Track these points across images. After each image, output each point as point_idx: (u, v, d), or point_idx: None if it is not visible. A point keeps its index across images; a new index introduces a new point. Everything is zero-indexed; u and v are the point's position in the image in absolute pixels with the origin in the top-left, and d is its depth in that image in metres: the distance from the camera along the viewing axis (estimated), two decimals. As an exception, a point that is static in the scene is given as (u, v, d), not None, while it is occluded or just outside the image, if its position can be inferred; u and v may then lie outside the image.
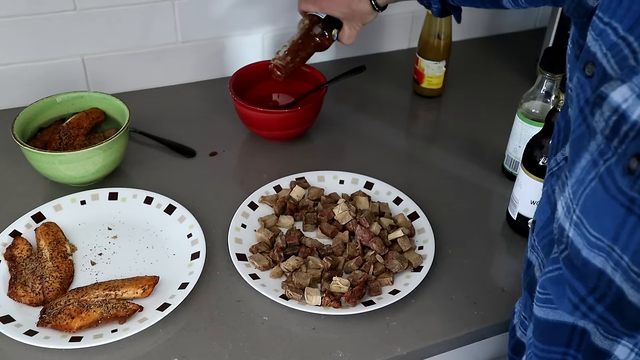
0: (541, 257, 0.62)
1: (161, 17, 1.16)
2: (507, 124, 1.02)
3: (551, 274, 0.56)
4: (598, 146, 0.45)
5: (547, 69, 0.91)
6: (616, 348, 0.54)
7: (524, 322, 0.70)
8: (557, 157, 0.60)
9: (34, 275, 0.83)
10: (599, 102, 0.44)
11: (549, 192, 0.60)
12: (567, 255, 0.51)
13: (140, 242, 0.90)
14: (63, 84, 1.14)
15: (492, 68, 1.36)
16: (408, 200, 0.97)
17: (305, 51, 1.04)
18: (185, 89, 1.24)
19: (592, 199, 0.46)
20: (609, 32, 0.45)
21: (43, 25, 1.09)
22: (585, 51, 0.48)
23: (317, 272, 0.85)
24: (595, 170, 0.45)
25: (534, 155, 0.86)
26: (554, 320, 0.58)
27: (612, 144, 0.43)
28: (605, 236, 0.45)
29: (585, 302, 0.50)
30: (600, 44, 0.46)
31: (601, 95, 0.44)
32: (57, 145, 0.98)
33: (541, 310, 0.59)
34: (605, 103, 0.43)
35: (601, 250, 0.46)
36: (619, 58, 0.44)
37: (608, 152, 0.44)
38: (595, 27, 0.47)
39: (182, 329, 0.79)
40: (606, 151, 0.44)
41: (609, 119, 0.43)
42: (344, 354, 0.77)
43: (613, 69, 0.44)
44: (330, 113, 1.17)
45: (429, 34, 1.16)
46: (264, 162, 1.07)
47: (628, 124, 0.41)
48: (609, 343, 0.54)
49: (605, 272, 0.46)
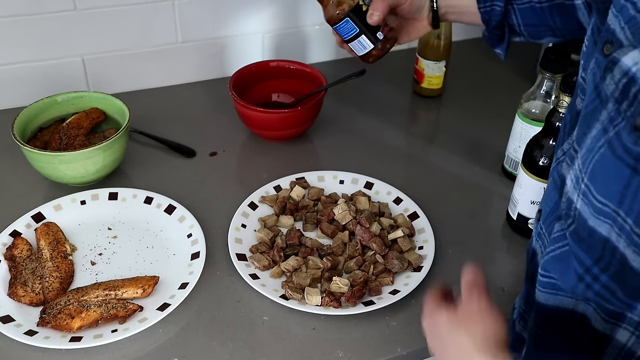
0: (546, 243, 0.62)
1: (161, 17, 1.16)
2: (507, 124, 1.02)
3: (554, 253, 0.57)
4: (609, 114, 0.46)
5: (547, 69, 0.91)
6: (617, 332, 0.55)
7: (523, 316, 0.70)
8: (564, 147, 0.61)
9: (34, 275, 0.83)
10: (611, 67, 0.46)
11: (556, 178, 0.61)
12: (574, 229, 0.52)
13: (140, 242, 0.90)
14: (63, 84, 1.14)
15: (492, 68, 1.36)
16: (408, 200, 0.97)
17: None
18: (185, 89, 1.24)
19: (600, 164, 0.48)
20: (629, 6, 0.47)
21: (43, 25, 1.09)
22: (605, 31, 0.50)
23: (317, 272, 0.85)
24: (605, 137, 0.47)
25: (534, 155, 0.86)
26: (553, 305, 0.59)
27: (622, 107, 0.45)
28: (611, 200, 0.47)
29: (590, 273, 0.51)
30: (620, 19, 0.48)
31: (613, 60, 0.46)
32: (57, 145, 0.98)
33: (542, 295, 0.60)
34: (616, 67, 0.45)
35: (607, 217, 0.47)
36: (634, 29, 0.46)
37: (618, 118, 0.45)
38: (616, 3, 0.49)
39: (182, 329, 0.79)
40: (616, 117, 0.46)
41: (619, 82, 0.45)
42: (344, 354, 0.77)
43: (627, 39, 0.46)
44: (330, 113, 1.17)
45: (429, 34, 1.16)
46: (264, 162, 1.07)
47: (637, 86, 0.43)
48: (609, 327, 0.55)
49: (610, 239, 0.47)
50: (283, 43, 1.28)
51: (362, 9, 0.86)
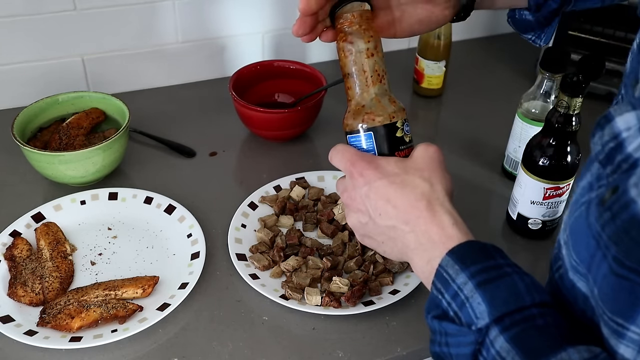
0: None
1: (161, 17, 1.16)
2: (507, 124, 1.02)
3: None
4: (597, 170, 0.43)
5: (547, 69, 0.91)
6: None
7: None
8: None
9: (34, 275, 0.83)
10: (603, 124, 0.42)
11: None
12: (560, 275, 0.50)
13: (140, 242, 0.90)
14: (63, 84, 1.14)
15: (492, 68, 1.36)
16: (408, 200, 0.97)
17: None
18: (185, 89, 1.24)
19: (577, 223, 0.45)
20: None
21: (43, 25, 1.09)
22: None
23: (317, 272, 0.85)
24: (588, 195, 0.44)
25: (533, 155, 0.86)
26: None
27: (606, 171, 0.42)
28: (582, 263, 0.45)
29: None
30: None
31: (608, 116, 0.42)
32: (57, 145, 0.98)
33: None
34: (607, 127, 0.41)
35: (582, 276, 0.45)
36: None
37: (603, 179, 0.42)
38: None
39: (182, 329, 0.79)
40: (602, 177, 0.43)
41: (606, 144, 0.41)
42: (344, 354, 0.77)
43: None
44: (330, 113, 1.17)
45: (429, 34, 1.16)
46: (264, 162, 1.07)
47: (622, 155, 0.40)
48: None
49: (589, 298, 0.46)
50: (283, 43, 1.28)
51: (395, 132, 0.64)
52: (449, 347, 0.52)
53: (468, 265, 0.51)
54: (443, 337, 0.52)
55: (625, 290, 0.39)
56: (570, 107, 0.80)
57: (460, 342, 0.51)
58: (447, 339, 0.52)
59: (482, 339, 0.49)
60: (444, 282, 0.52)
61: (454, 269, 0.52)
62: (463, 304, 0.50)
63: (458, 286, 0.51)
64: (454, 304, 0.51)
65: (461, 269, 0.51)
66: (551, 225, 0.91)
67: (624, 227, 0.39)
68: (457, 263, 0.52)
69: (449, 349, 0.52)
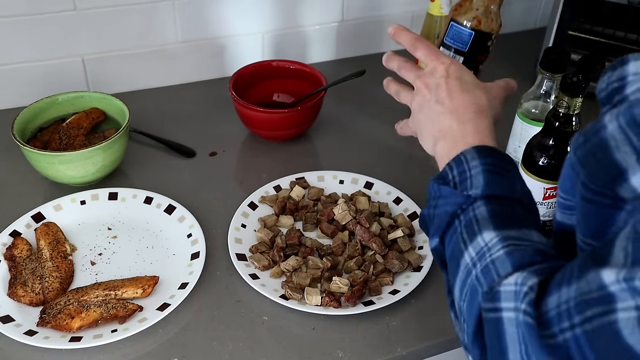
0: None
1: (161, 17, 1.16)
2: (507, 124, 1.02)
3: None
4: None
5: (547, 69, 0.91)
6: None
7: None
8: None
9: (34, 275, 0.83)
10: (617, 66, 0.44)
11: None
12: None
13: (140, 242, 0.90)
14: (63, 84, 1.14)
15: (492, 68, 1.35)
16: (408, 200, 0.97)
17: None
18: (185, 89, 1.24)
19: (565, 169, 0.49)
20: None
21: (43, 25, 1.09)
22: None
23: (317, 272, 0.85)
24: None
25: (533, 155, 0.86)
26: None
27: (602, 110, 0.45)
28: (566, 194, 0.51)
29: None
30: None
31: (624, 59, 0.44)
32: (57, 145, 0.98)
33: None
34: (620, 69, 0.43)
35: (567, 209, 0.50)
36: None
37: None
38: None
39: (182, 329, 0.79)
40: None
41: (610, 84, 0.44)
42: (344, 354, 0.77)
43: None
44: (330, 113, 1.17)
45: (429, 34, 1.16)
46: (264, 162, 1.07)
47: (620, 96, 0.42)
48: None
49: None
50: (283, 43, 1.28)
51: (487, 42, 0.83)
52: (437, 208, 0.58)
53: (485, 156, 0.59)
54: (436, 200, 0.59)
55: (594, 214, 0.42)
56: (570, 107, 0.80)
57: (448, 202, 0.57)
58: (438, 201, 0.59)
59: (466, 206, 0.55)
60: (458, 162, 0.59)
61: (472, 155, 0.59)
62: (466, 178, 0.57)
63: (469, 167, 0.58)
64: (459, 177, 0.58)
65: (478, 157, 0.59)
66: (551, 225, 0.91)
67: (592, 150, 0.42)
68: (477, 153, 0.59)
69: (435, 210, 0.58)
